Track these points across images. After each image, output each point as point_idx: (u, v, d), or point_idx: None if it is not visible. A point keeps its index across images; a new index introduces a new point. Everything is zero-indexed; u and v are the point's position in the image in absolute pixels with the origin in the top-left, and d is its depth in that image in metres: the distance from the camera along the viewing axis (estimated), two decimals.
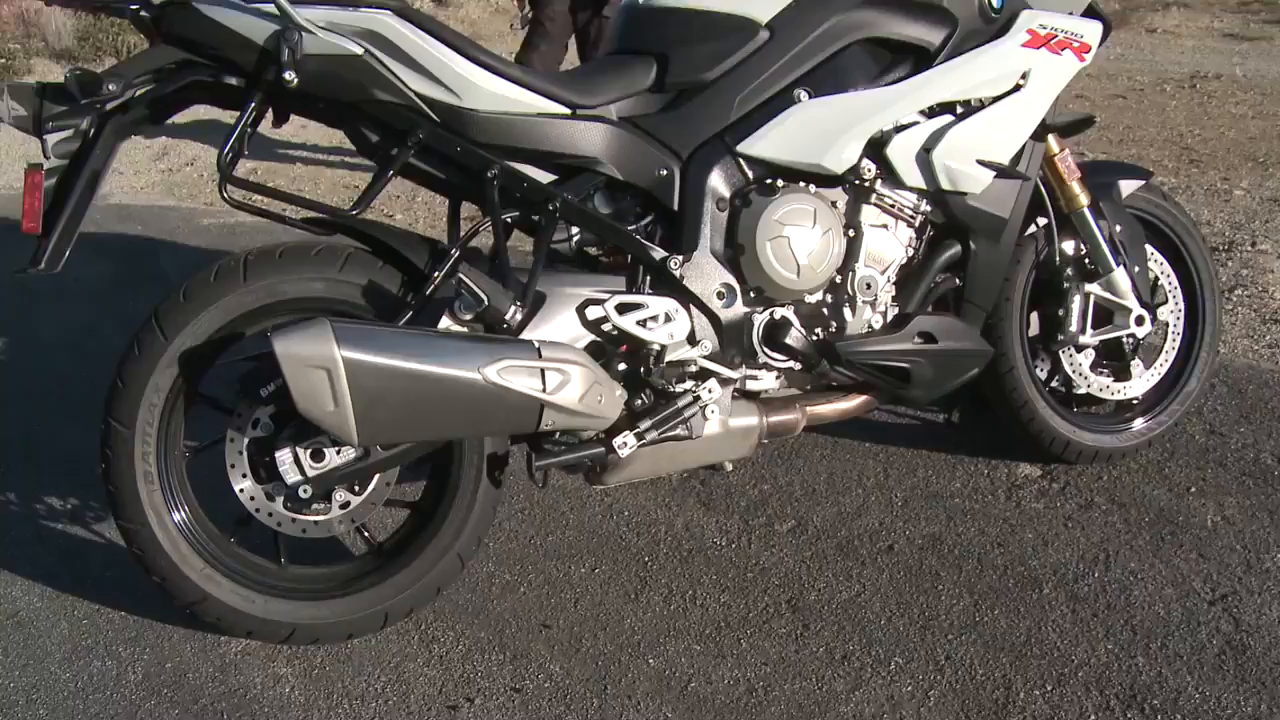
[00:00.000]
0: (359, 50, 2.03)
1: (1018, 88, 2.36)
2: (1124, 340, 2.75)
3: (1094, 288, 2.68)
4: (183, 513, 2.20)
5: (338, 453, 2.11)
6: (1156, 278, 2.82)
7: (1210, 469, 2.78)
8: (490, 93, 2.12)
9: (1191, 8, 10.96)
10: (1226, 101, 7.23)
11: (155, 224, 5.43)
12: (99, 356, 2.99)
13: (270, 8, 1.97)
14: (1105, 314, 2.72)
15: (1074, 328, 2.65)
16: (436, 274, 2.11)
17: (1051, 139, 2.57)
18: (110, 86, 1.96)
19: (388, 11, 2.06)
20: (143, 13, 2.00)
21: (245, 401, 2.14)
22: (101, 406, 2.15)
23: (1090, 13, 2.54)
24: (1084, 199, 2.64)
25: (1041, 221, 2.64)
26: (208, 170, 6.52)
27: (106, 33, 10.00)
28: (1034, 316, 2.73)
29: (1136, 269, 2.70)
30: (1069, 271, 2.66)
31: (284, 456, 2.10)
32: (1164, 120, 6.78)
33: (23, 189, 1.99)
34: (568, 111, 2.19)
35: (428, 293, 2.11)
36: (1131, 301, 2.69)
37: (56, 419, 3.27)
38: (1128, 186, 2.75)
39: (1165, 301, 2.84)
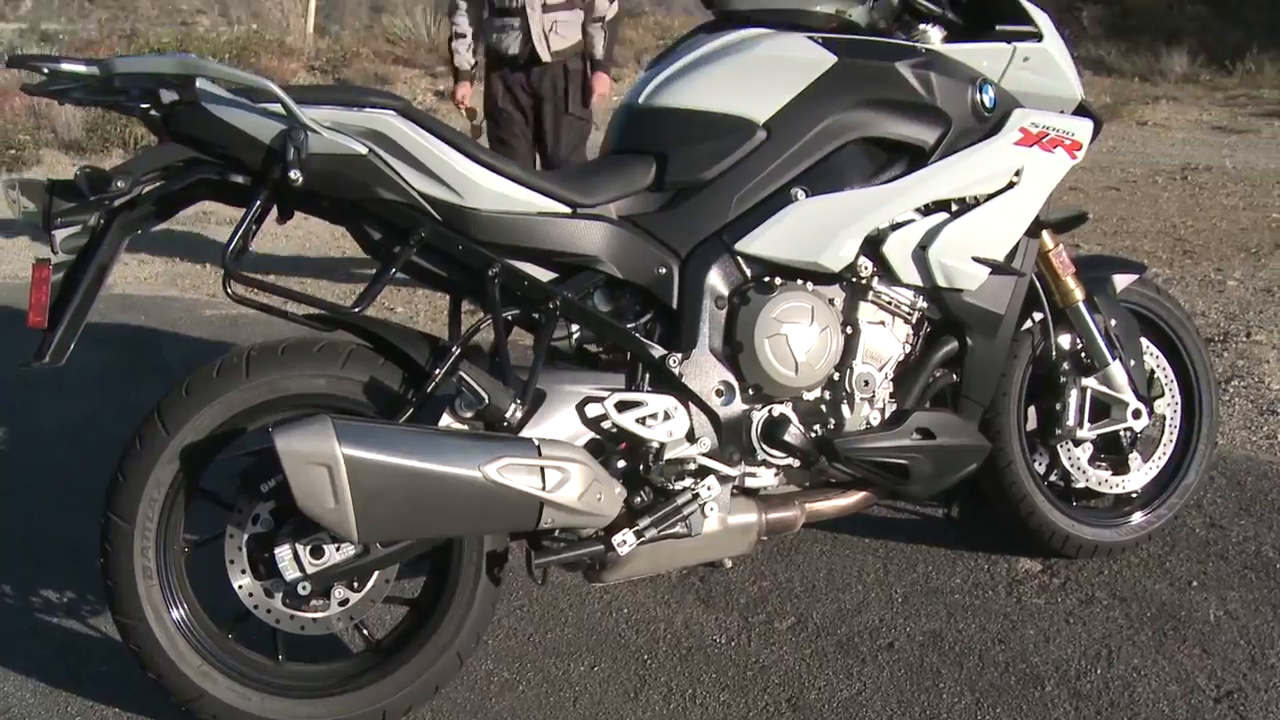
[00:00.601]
0: (363, 150, 2.06)
1: (1011, 185, 2.40)
2: (1121, 434, 2.76)
3: (1090, 382, 2.70)
4: (181, 609, 2.18)
5: (337, 549, 2.10)
6: (1153, 371, 2.84)
7: (1211, 562, 2.77)
8: (492, 192, 2.15)
9: (1181, 101, 11.15)
10: (1218, 193, 7.33)
11: (158, 314, 5.46)
12: (100, 447, 3.00)
13: (276, 107, 2.00)
14: (1102, 408, 2.73)
15: (1071, 422, 2.67)
16: (437, 371, 2.12)
17: (1046, 235, 2.61)
18: (119, 184, 1.98)
19: (391, 111, 2.10)
20: (152, 111, 2.02)
21: (245, 497, 2.14)
22: (102, 499, 2.15)
23: (1081, 111, 2.59)
24: (1079, 294, 2.66)
25: (1037, 316, 2.67)
26: (211, 263, 6.57)
27: (114, 125, 10.14)
28: (1031, 411, 2.74)
29: (1132, 363, 2.72)
30: (1065, 366, 2.68)
31: (283, 553, 2.09)
32: (1157, 211, 6.87)
33: (30, 284, 2.01)
34: (568, 210, 2.22)
35: (428, 390, 2.12)
36: (1128, 395, 2.71)
37: (57, 510, 3.27)
38: (1122, 281, 2.78)
39: (1162, 395, 2.86)
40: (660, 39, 13.57)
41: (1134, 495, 2.83)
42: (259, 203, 2.09)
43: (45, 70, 1.94)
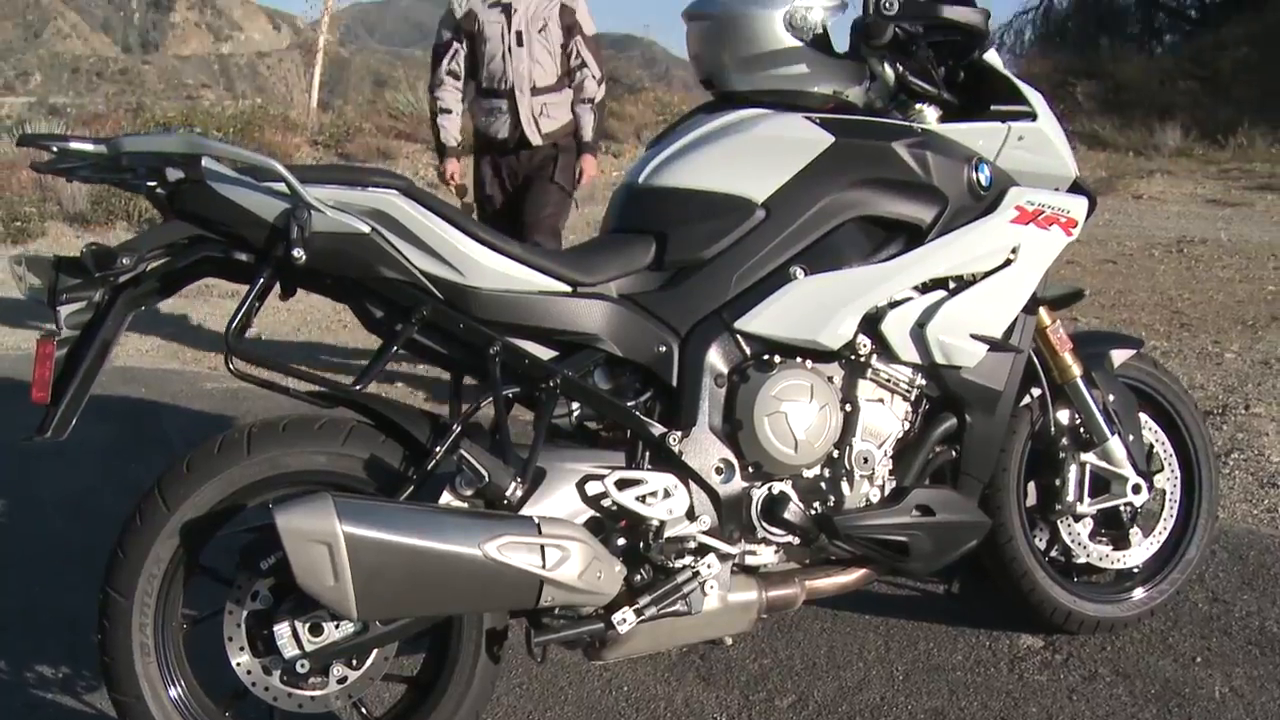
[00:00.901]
0: (366, 229, 2.08)
1: (1008, 262, 2.43)
2: (1122, 509, 2.76)
3: (1090, 457, 2.70)
4: (178, 686, 2.17)
5: (336, 627, 2.09)
6: (1151, 446, 2.85)
7: (1215, 638, 2.76)
8: (493, 270, 2.17)
9: (1175, 174, 11.26)
10: (1213, 266, 7.37)
11: (159, 387, 5.48)
12: (100, 520, 2.99)
13: (280, 186, 2.03)
14: (1102, 483, 2.73)
15: (1071, 497, 2.67)
16: (438, 449, 2.12)
17: (1043, 311, 2.63)
18: (124, 260, 2.00)
19: (394, 191, 2.13)
20: (158, 189, 2.05)
21: (245, 573, 2.13)
22: (101, 574, 2.14)
23: (1076, 188, 2.62)
24: (1076, 370, 2.68)
25: (1036, 392, 2.68)
26: (212, 334, 6.61)
27: (119, 198, 10.25)
28: (1031, 486, 2.74)
29: (1131, 438, 2.73)
30: (1064, 441, 2.69)
31: (282, 630, 2.09)
32: (1154, 285, 6.91)
33: (34, 359, 2.02)
34: (569, 289, 2.24)
35: (429, 468, 2.13)
36: (1127, 470, 2.71)
37: (55, 583, 3.25)
38: (1119, 356, 2.80)
39: (1161, 469, 2.86)
40: (660, 114, 13.74)
41: (1135, 570, 2.82)
42: (262, 280, 2.11)
43: (54, 149, 1.97)
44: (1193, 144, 12.76)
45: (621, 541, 2.18)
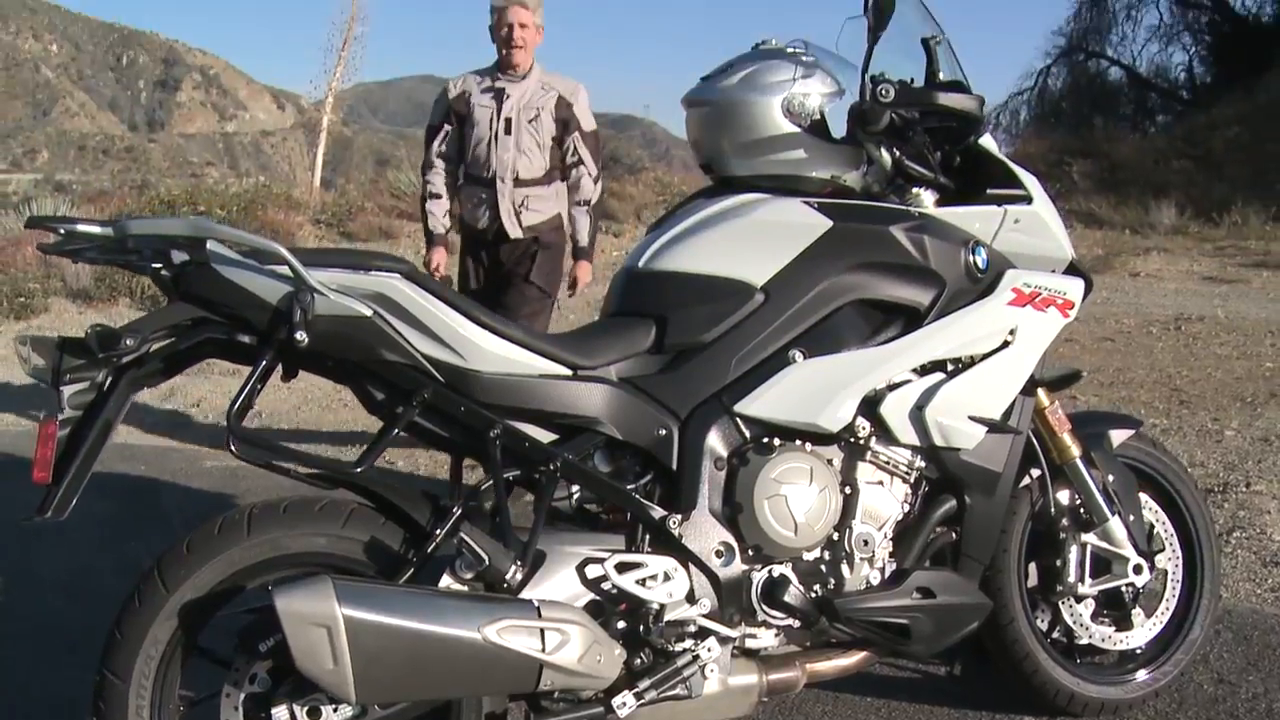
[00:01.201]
0: (368, 312, 2.10)
1: (1006, 345, 2.44)
2: (1123, 589, 2.75)
3: (1090, 537, 2.70)
4: None
5: (335, 711, 2.08)
6: (1152, 525, 2.84)
7: None
8: (493, 354, 2.19)
9: (1171, 252, 11.35)
10: (1211, 342, 7.40)
11: (159, 464, 5.48)
12: (97, 599, 2.97)
13: (284, 269, 2.05)
14: (1103, 563, 2.72)
15: (1072, 578, 2.66)
16: (438, 532, 2.13)
17: (1041, 392, 2.64)
18: (128, 342, 2.00)
19: (396, 275, 2.15)
20: (163, 271, 2.07)
21: (243, 656, 2.12)
22: (98, 655, 2.12)
23: (1072, 270, 2.64)
24: (1075, 450, 2.68)
25: (1035, 473, 2.68)
26: (213, 412, 6.61)
27: (122, 275, 10.28)
28: (1032, 567, 2.73)
29: (1131, 518, 2.72)
30: (1065, 522, 2.68)
31: (280, 714, 2.07)
32: (1152, 362, 6.93)
33: (36, 439, 2.02)
34: (569, 372, 2.25)
35: (429, 550, 2.13)
36: (1128, 550, 2.71)
37: (52, 663, 3.23)
38: (1118, 436, 2.80)
39: (1162, 549, 2.86)
40: (660, 195, 13.88)
41: (1138, 651, 2.80)
42: (264, 362, 2.12)
43: (61, 231, 1.99)
44: (1188, 222, 12.89)
45: (621, 625, 2.17)
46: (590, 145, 4.72)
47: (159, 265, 2.07)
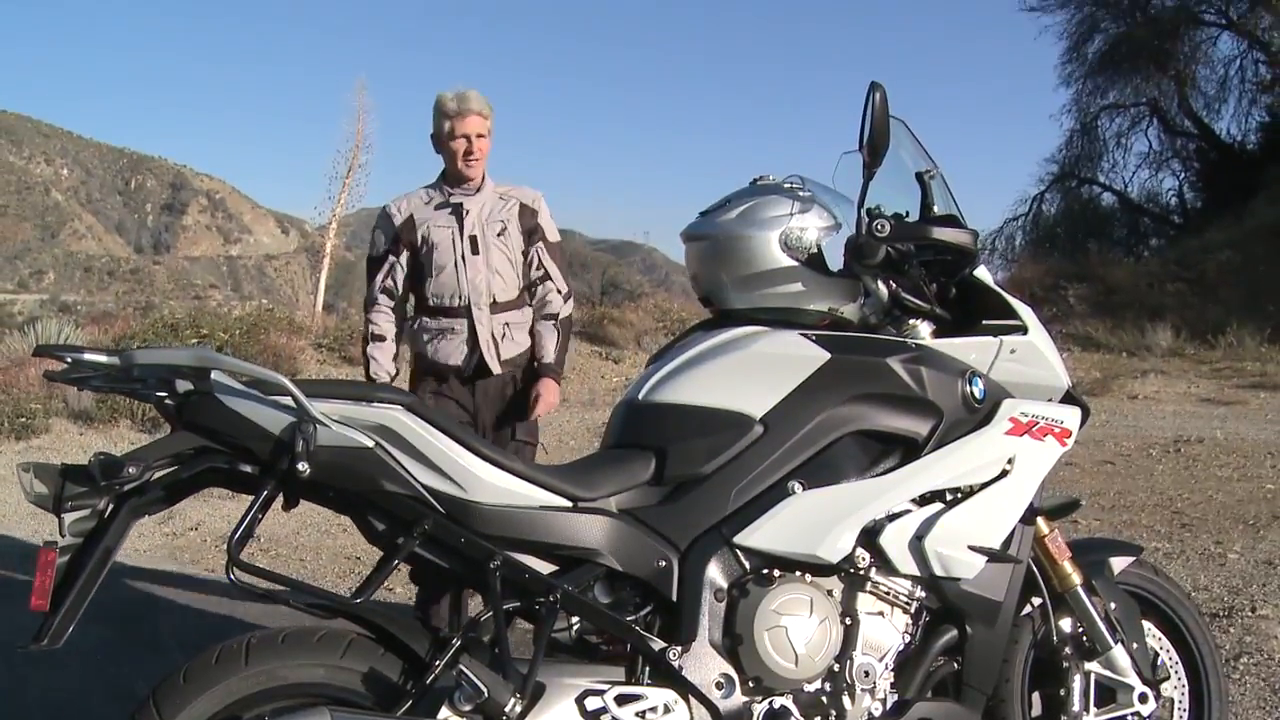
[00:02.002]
0: (370, 443, 2.11)
1: (1004, 474, 2.45)
2: (1129, 719, 2.71)
3: (1094, 666, 2.67)
4: None
5: None
6: (1157, 653, 2.82)
7: None
8: (494, 486, 2.20)
9: (1168, 374, 11.41)
10: (1211, 464, 7.40)
11: (156, 588, 5.43)
12: None
13: (287, 400, 2.07)
14: (1108, 693, 2.70)
15: (1076, 707, 2.63)
16: (437, 663, 2.11)
17: (1040, 520, 2.64)
18: (131, 470, 2.02)
19: (399, 406, 2.17)
20: (168, 400, 2.09)
21: None
22: None
23: (1069, 398, 2.67)
24: (1076, 578, 2.68)
25: (1036, 601, 2.67)
26: (211, 535, 6.59)
27: (124, 399, 10.27)
28: (1036, 697, 2.70)
29: (1135, 645, 2.70)
30: (1067, 650, 2.66)
31: None
32: (1152, 485, 6.92)
33: (35, 566, 2.01)
34: (569, 504, 2.26)
35: (428, 682, 2.11)
36: (1132, 679, 2.68)
37: None
38: (1119, 563, 2.80)
39: (1168, 677, 2.82)
40: (660, 321, 13.99)
41: None
42: (266, 492, 2.13)
43: (68, 360, 2.01)
44: (1184, 344, 12.99)
45: None
46: (556, 258, 4.23)
47: (164, 394, 2.09)
